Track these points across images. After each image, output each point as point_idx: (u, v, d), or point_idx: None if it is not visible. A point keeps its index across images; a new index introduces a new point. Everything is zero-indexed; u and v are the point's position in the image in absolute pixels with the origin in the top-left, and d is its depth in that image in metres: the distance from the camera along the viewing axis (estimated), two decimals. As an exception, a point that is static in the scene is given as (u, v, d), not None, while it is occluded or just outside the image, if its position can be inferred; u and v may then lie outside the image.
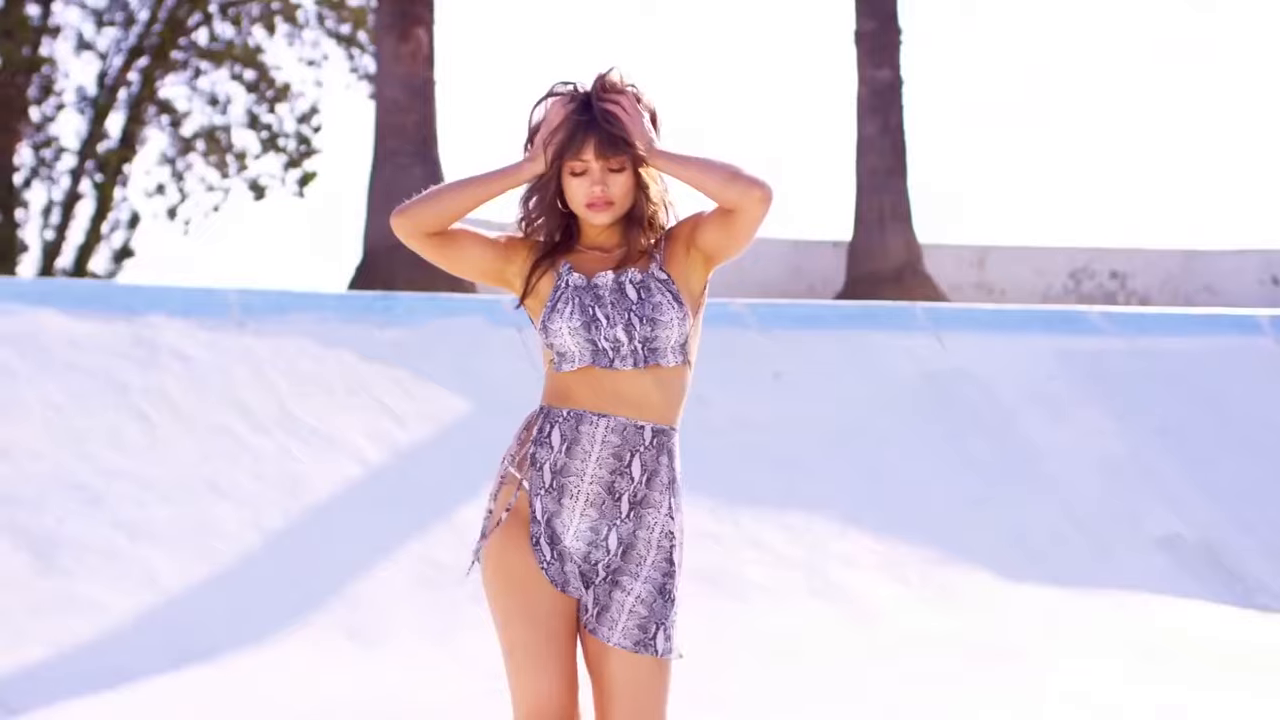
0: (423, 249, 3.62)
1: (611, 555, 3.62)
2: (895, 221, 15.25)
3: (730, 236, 3.60)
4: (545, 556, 3.60)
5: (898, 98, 15.29)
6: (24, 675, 6.41)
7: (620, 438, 3.57)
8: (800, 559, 8.61)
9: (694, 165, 3.57)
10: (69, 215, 22.45)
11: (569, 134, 3.53)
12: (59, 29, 22.61)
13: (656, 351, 3.57)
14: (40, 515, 7.35)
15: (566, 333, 3.55)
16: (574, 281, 3.59)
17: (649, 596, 3.62)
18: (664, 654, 3.62)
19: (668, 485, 3.64)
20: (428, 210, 3.58)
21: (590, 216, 3.59)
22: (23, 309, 8.50)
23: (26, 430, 7.82)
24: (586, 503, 3.59)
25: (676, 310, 3.56)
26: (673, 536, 3.67)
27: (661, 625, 3.62)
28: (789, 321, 10.67)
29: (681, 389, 3.66)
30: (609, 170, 3.56)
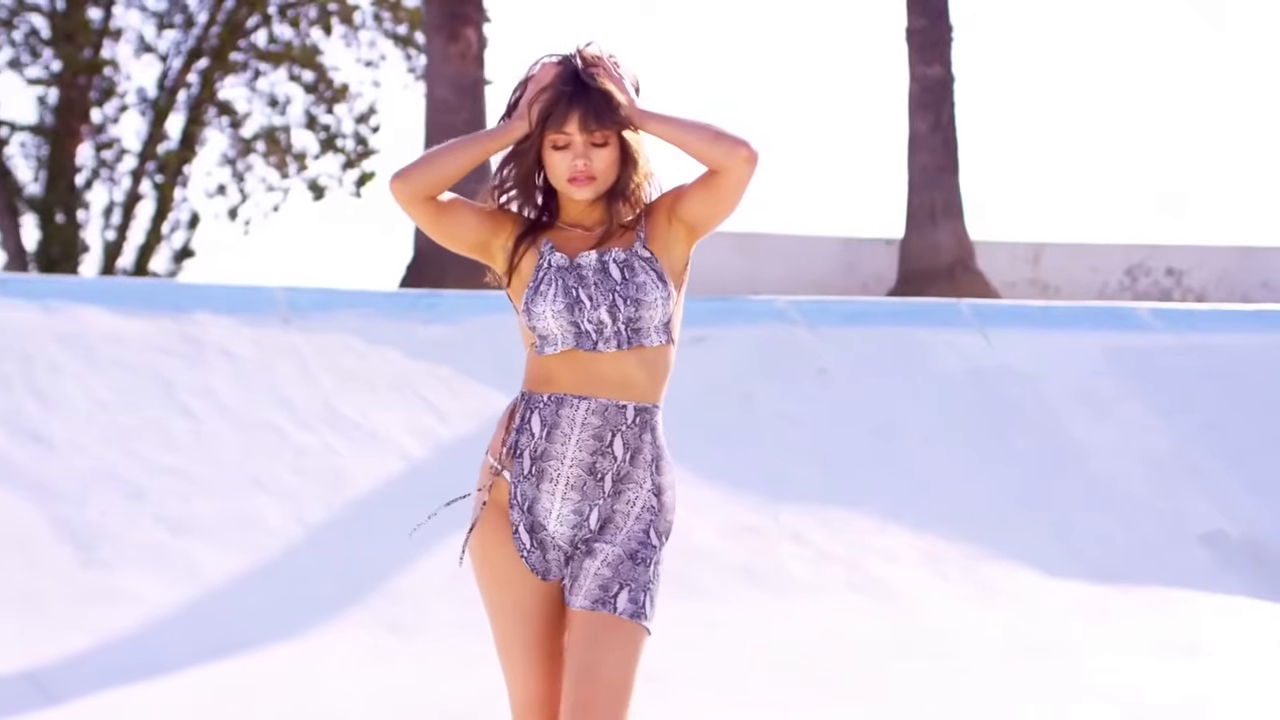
0: (419, 214, 3.57)
1: (591, 531, 3.55)
2: (947, 218, 15.21)
3: (715, 201, 3.54)
4: (524, 545, 3.56)
5: (949, 94, 15.25)
6: (66, 665, 6.51)
7: (601, 419, 3.52)
8: (841, 554, 8.62)
9: (679, 125, 3.51)
10: (130, 216, 22.65)
11: (552, 101, 3.48)
12: (120, 32, 22.81)
13: (640, 332, 3.52)
14: (84, 509, 7.46)
15: (550, 316, 3.49)
16: (556, 262, 3.54)
17: (616, 559, 3.53)
18: (623, 613, 3.49)
19: (650, 462, 3.58)
20: (424, 173, 3.52)
21: (572, 191, 3.54)
22: (70, 307, 8.62)
23: (72, 426, 7.93)
24: (567, 486, 3.53)
25: (660, 290, 3.51)
26: (654, 510, 3.59)
27: (626, 586, 3.51)
28: (834, 318, 10.68)
29: (665, 367, 3.59)
30: (592, 145, 3.51)
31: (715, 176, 3.53)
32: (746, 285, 15.09)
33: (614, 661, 3.45)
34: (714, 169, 3.52)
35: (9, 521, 7.29)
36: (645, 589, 3.54)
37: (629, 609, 3.50)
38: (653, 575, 3.58)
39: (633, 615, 3.50)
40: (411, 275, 13.49)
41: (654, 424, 3.59)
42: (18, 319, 8.40)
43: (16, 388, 8.01)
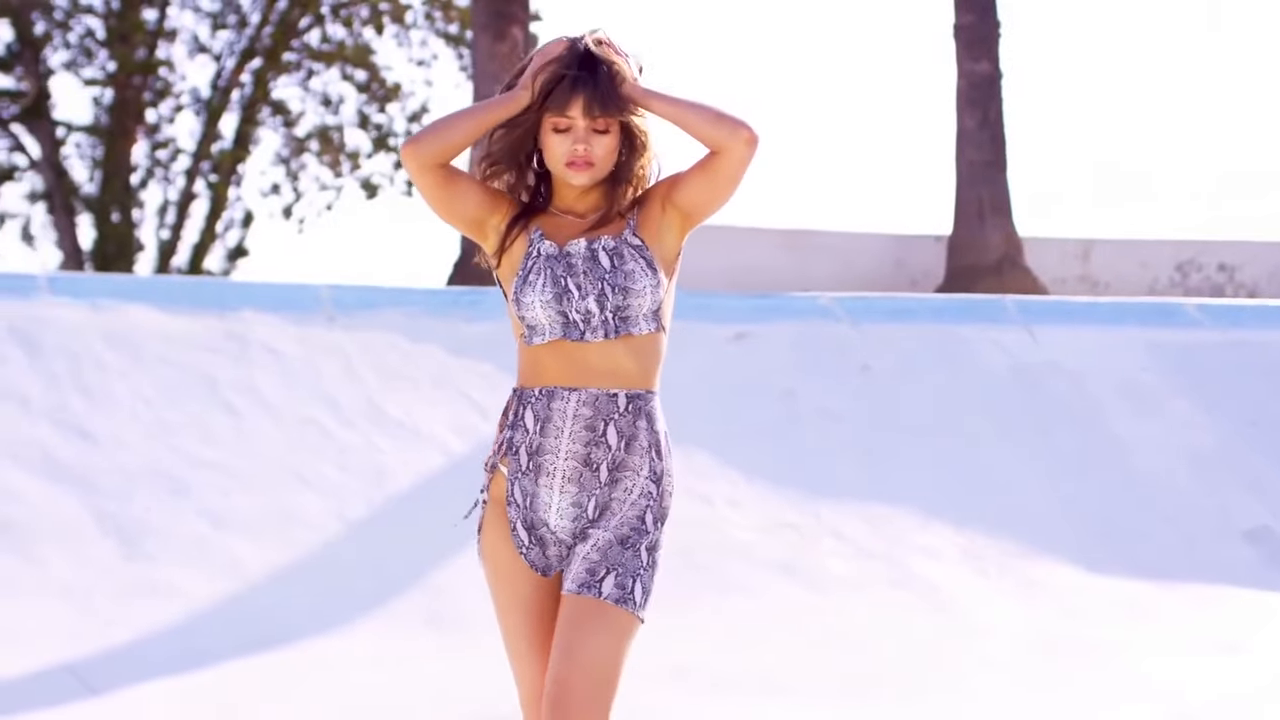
0: (429, 181, 3.52)
1: (590, 520, 3.52)
2: (995, 215, 15.17)
3: (713, 186, 3.51)
4: (523, 542, 3.53)
5: (997, 91, 15.21)
6: (107, 657, 6.59)
7: (592, 409, 3.48)
8: (881, 551, 8.63)
9: (682, 104, 3.48)
10: (184, 215, 22.82)
11: (556, 81, 3.45)
12: (175, 32, 22.99)
13: (628, 320, 3.48)
14: (128, 504, 7.54)
15: (538, 306, 3.47)
16: (546, 250, 3.51)
17: (605, 544, 3.47)
18: (608, 598, 3.42)
19: (648, 448, 3.53)
20: (435, 139, 3.48)
21: (569, 176, 3.50)
22: (118, 305, 8.71)
23: (117, 422, 8.02)
24: (564, 479, 3.50)
25: (650, 277, 3.47)
26: (651, 497, 3.53)
27: (613, 571, 3.44)
28: (878, 315, 10.68)
29: (656, 355, 3.56)
30: (594, 130, 3.47)
31: (714, 159, 3.49)
32: (795, 282, 15.09)
33: (596, 644, 3.39)
34: (714, 150, 3.48)
35: (54, 516, 7.39)
36: (634, 575, 3.46)
37: (614, 594, 3.43)
38: (646, 562, 3.50)
39: (618, 600, 3.43)
40: (458, 273, 13.55)
41: (649, 410, 3.55)
42: (66, 317, 8.50)
43: (64, 385, 8.11)
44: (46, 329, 8.35)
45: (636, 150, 3.55)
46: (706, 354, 9.89)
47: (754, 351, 10.01)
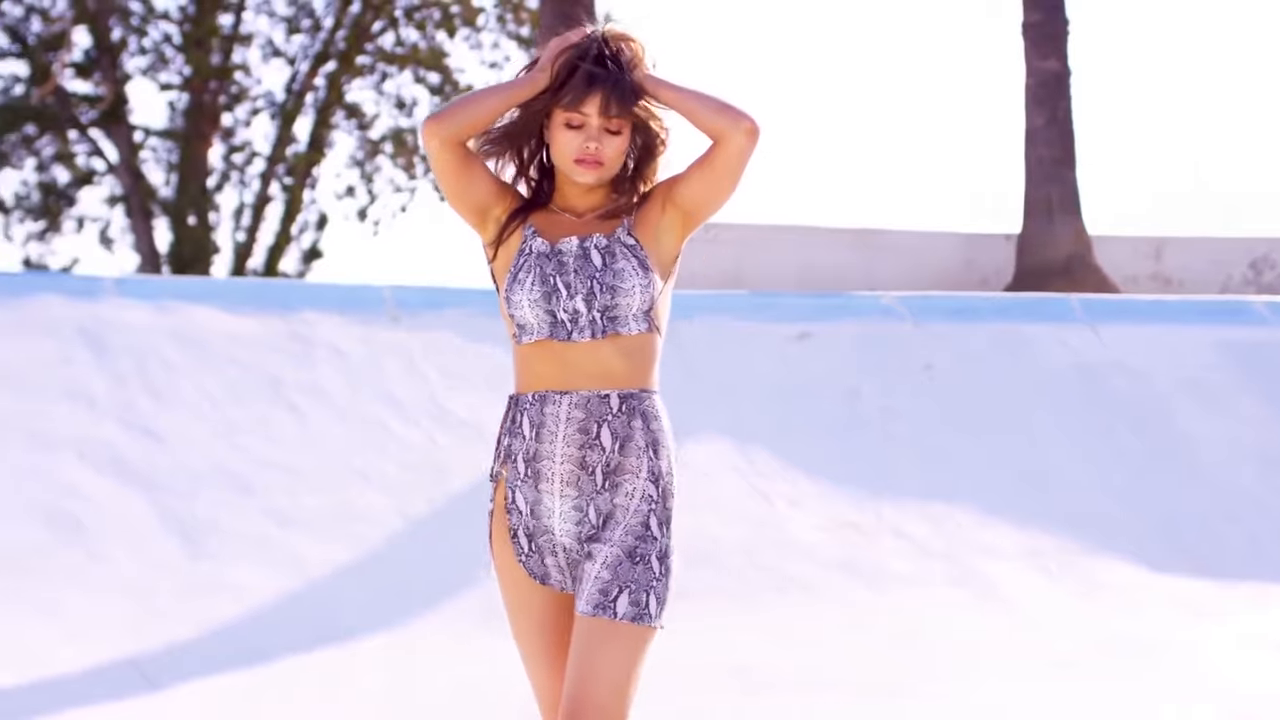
0: (447, 159, 3.50)
1: (595, 527, 3.47)
2: (1064, 213, 15.11)
3: (713, 178, 3.49)
4: (523, 549, 3.51)
5: (1065, 88, 15.15)
6: (167, 652, 6.69)
7: (584, 411, 3.45)
8: (942, 549, 8.63)
9: (688, 93, 3.47)
10: (259, 217, 23.04)
11: (570, 72, 3.44)
12: (250, 37, 23.20)
13: (617, 320, 3.45)
14: (192, 503, 7.65)
15: (527, 304, 3.45)
16: (537, 248, 3.49)
17: (615, 560, 3.42)
18: (624, 618, 3.39)
19: (645, 448, 3.48)
20: (458, 115, 3.47)
21: (576, 173, 3.48)
22: (184, 306, 8.82)
23: (183, 422, 8.13)
24: (562, 483, 3.46)
25: (640, 276, 3.45)
26: (653, 500, 3.48)
27: (626, 589, 3.40)
28: (941, 314, 10.67)
29: (648, 355, 3.51)
30: (606, 130, 3.46)
31: (713, 150, 3.47)
32: (863, 281, 15.07)
33: (612, 663, 3.37)
34: (715, 139, 3.46)
35: (120, 514, 7.50)
36: (647, 589, 3.41)
37: (630, 612, 3.39)
38: (659, 572, 3.45)
39: (634, 619, 3.39)
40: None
41: (645, 409, 3.50)
42: (133, 319, 8.62)
43: (131, 385, 8.23)
44: (114, 330, 8.47)
45: (653, 151, 3.54)
46: (769, 353, 9.92)
47: (817, 351, 10.02)
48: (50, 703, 6.15)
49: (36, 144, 22.88)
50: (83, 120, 22.67)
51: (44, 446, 7.73)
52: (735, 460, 8.98)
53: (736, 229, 15.74)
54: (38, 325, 8.40)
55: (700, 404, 9.38)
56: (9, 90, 22.48)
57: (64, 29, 21.75)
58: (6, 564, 7.06)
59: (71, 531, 7.33)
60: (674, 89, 3.48)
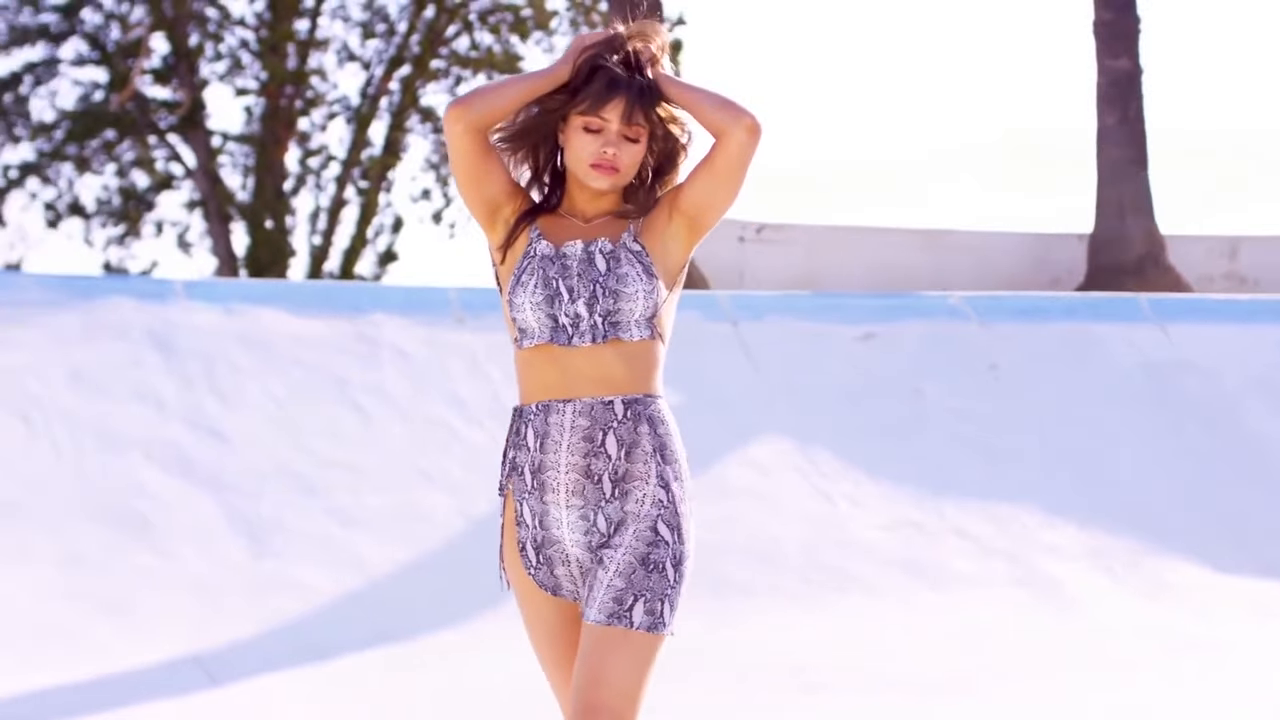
0: (468, 146, 3.49)
1: (604, 536, 3.45)
2: (1136, 212, 15.02)
3: (715, 178, 3.47)
4: (531, 562, 3.49)
5: (1137, 87, 15.05)
6: (230, 649, 6.79)
7: (589, 419, 3.42)
8: (1005, 549, 8.62)
9: (694, 90, 3.47)
10: (335, 221, 23.18)
11: (591, 71, 3.44)
12: (325, 42, 23.38)
13: (618, 325, 3.42)
14: (258, 502, 7.75)
15: (529, 307, 3.43)
16: (541, 251, 3.47)
17: (627, 567, 3.39)
18: (640, 627, 3.35)
19: (653, 454, 3.44)
20: (482, 101, 3.47)
21: (591, 177, 3.46)
22: (251, 309, 8.93)
23: (249, 423, 8.24)
24: (568, 493, 3.43)
25: (644, 282, 3.42)
26: (663, 504, 3.43)
27: (641, 597, 3.36)
28: (1007, 314, 10.65)
29: (650, 362, 3.48)
30: (625, 137, 3.44)
31: (716, 148, 3.46)
32: (934, 282, 15.04)
33: (625, 671, 3.34)
34: (718, 135, 3.45)
35: (187, 513, 7.61)
36: (662, 597, 3.37)
37: (645, 621, 3.35)
38: (673, 579, 3.40)
39: (650, 628, 3.35)
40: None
41: (651, 414, 3.46)
42: (201, 321, 8.74)
43: (198, 387, 8.34)
44: (182, 332, 8.59)
45: (674, 159, 3.54)
46: (834, 354, 9.93)
47: (882, 351, 10.02)
48: (115, 698, 6.27)
49: (116, 150, 23.15)
50: (161, 126, 22.92)
51: (113, 447, 7.86)
52: (798, 460, 8.99)
53: (807, 230, 15.74)
54: (108, 328, 8.52)
55: (764, 404, 9.40)
56: (89, 97, 22.76)
57: (142, 36, 22.00)
58: (76, 562, 7.19)
59: (139, 531, 7.44)
60: (682, 85, 3.49)
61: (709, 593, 7.88)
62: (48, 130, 22.72)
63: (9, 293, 8.63)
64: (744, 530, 8.42)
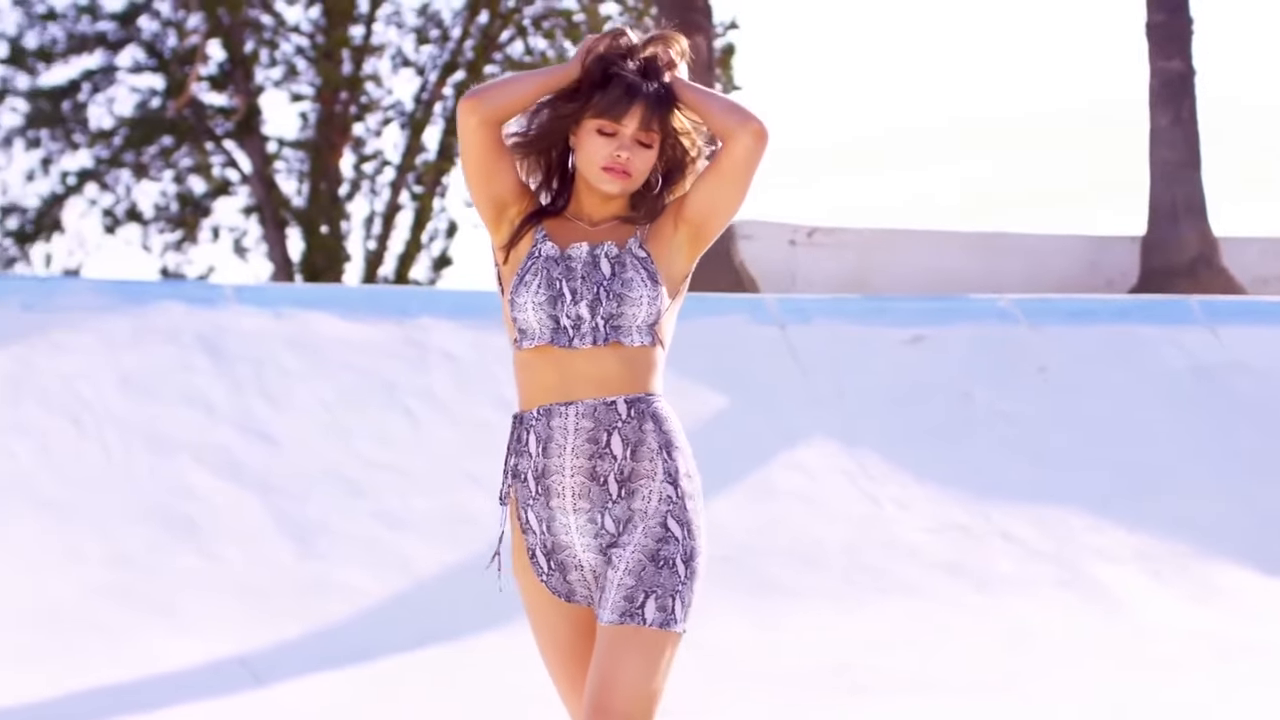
0: (481, 139, 3.47)
1: (612, 536, 3.42)
2: (1189, 214, 14.94)
3: (720, 183, 3.47)
4: (543, 569, 3.48)
5: (1190, 89, 14.98)
6: (276, 650, 6.86)
7: (593, 420, 3.41)
8: (1051, 551, 8.60)
9: (705, 94, 3.48)
10: (390, 226, 23.26)
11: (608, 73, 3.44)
12: (380, 48, 23.49)
13: (620, 329, 3.41)
14: (305, 505, 7.82)
15: (531, 307, 3.42)
16: (546, 252, 3.46)
17: (637, 565, 3.37)
18: (652, 624, 3.33)
19: (659, 450, 3.42)
20: (496, 95, 3.46)
21: (602, 180, 3.45)
22: (300, 313, 9.01)
23: (298, 426, 8.30)
24: (574, 496, 3.41)
25: (648, 288, 3.42)
26: (671, 500, 3.41)
27: (652, 594, 3.34)
28: (1057, 316, 10.63)
29: (649, 366, 3.46)
30: (639, 142, 3.44)
31: (722, 153, 3.46)
32: (986, 285, 15.00)
33: (639, 671, 3.32)
34: (724, 138, 3.44)
35: (234, 515, 7.68)
36: (673, 594, 3.35)
37: (657, 618, 3.33)
38: (684, 575, 3.38)
39: (662, 625, 3.33)
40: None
41: (655, 411, 3.45)
42: (251, 325, 8.81)
43: (247, 390, 8.41)
44: (232, 337, 8.67)
45: (683, 167, 3.53)
46: (883, 357, 9.93)
47: (930, 354, 10.02)
48: (160, 699, 6.34)
49: (173, 156, 23.32)
50: (217, 132, 23.08)
51: (163, 450, 7.94)
52: (844, 463, 9.00)
53: (859, 233, 15.73)
54: (159, 332, 8.61)
55: (811, 407, 9.41)
56: (146, 104, 22.94)
57: (198, 43, 22.17)
58: (124, 564, 7.27)
59: (187, 533, 7.52)
60: (694, 89, 3.49)
61: (753, 594, 7.90)
62: (106, 137, 22.91)
63: (62, 298, 8.73)
64: (789, 532, 8.44)
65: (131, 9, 22.63)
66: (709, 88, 3.65)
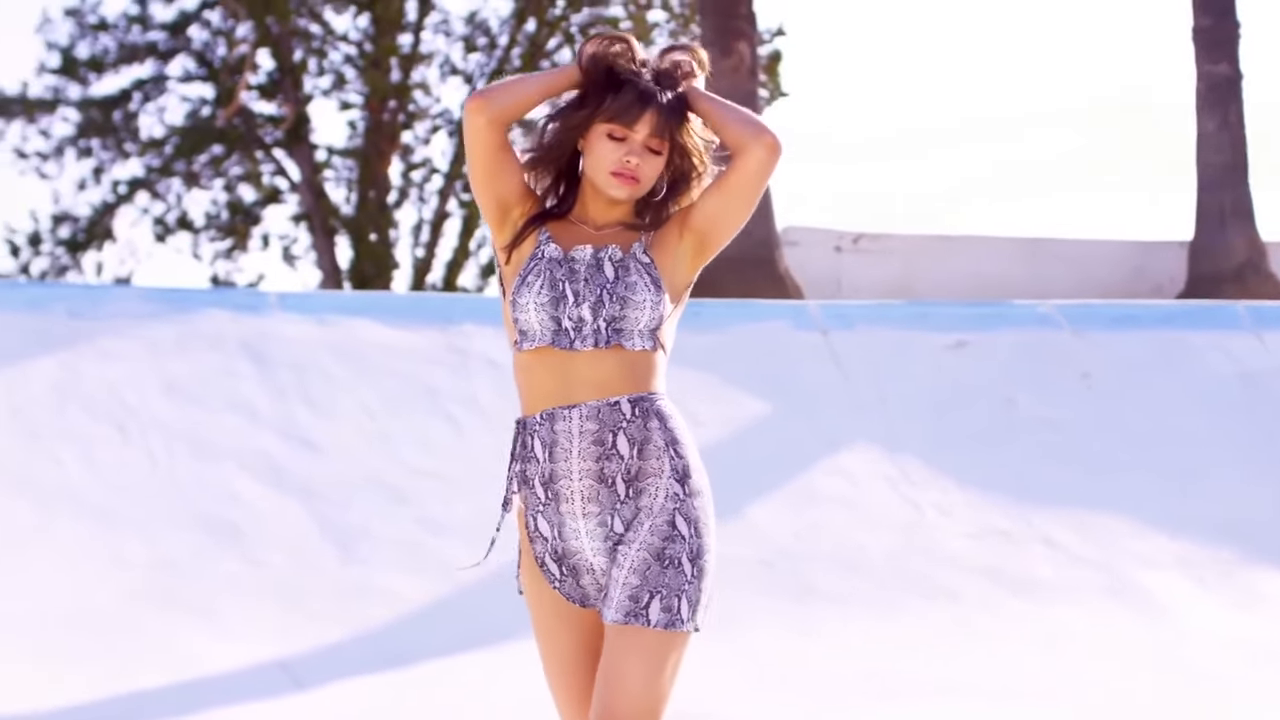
0: (487, 139, 3.46)
1: (620, 536, 3.41)
2: (1236, 219, 14.87)
3: (730, 193, 3.47)
4: (554, 575, 3.45)
5: (1237, 93, 14.92)
6: (317, 654, 6.91)
7: (597, 422, 3.39)
8: (1094, 558, 8.57)
9: (722, 105, 3.49)
10: (438, 233, 23.36)
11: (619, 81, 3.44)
12: (429, 56, 23.58)
13: (621, 332, 3.41)
14: (348, 511, 7.87)
15: (533, 308, 3.41)
16: (550, 253, 3.46)
17: (642, 564, 3.34)
18: (657, 624, 3.30)
19: (665, 448, 3.41)
20: (504, 94, 3.45)
21: (610, 185, 3.45)
22: (344, 320, 9.07)
23: (341, 432, 8.36)
24: (583, 500, 3.40)
25: (652, 293, 3.41)
26: (678, 497, 3.39)
27: (657, 594, 3.32)
28: (1101, 322, 10.60)
29: (651, 369, 3.46)
30: (648, 149, 3.44)
31: (733, 164, 3.46)
32: (1031, 291, 14.95)
33: (645, 673, 3.30)
34: (737, 150, 3.45)
35: (277, 521, 7.74)
36: (678, 594, 3.32)
37: (662, 619, 3.30)
38: (690, 574, 3.35)
39: (667, 625, 3.30)
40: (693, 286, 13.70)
41: (659, 410, 3.44)
42: (295, 332, 8.88)
43: (291, 397, 8.48)
44: (275, 343, 8.73)
45: (688, 180, 3.52)
46: (925, 363, 9.92)
47: (973, 360, 10.01)
48: (199, 702, 6.39)
49: (224, 165, 23.48)
50: (266, 141, 23.22)
51: (206, 456, 8.01)
52: (886, 469, 9.00)
53: (905, 239, 15.72)
54: (204, 339, 8.69)
55: (853, 413, 9.42)
56: (197, 113, 23.11)
57: (247, 52, 22.32)
58: (167, 569, 7.34)
59: (230, 538, 7.58)
60: (710, 100, 3.50)
61: (794, 599, 7.91)
62: (156, 146, 23.09)
63: (109, 305, 8.82)
64: (830, 538, 8.44)
65: (182, 19, 22.80)
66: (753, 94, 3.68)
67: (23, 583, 7.08)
